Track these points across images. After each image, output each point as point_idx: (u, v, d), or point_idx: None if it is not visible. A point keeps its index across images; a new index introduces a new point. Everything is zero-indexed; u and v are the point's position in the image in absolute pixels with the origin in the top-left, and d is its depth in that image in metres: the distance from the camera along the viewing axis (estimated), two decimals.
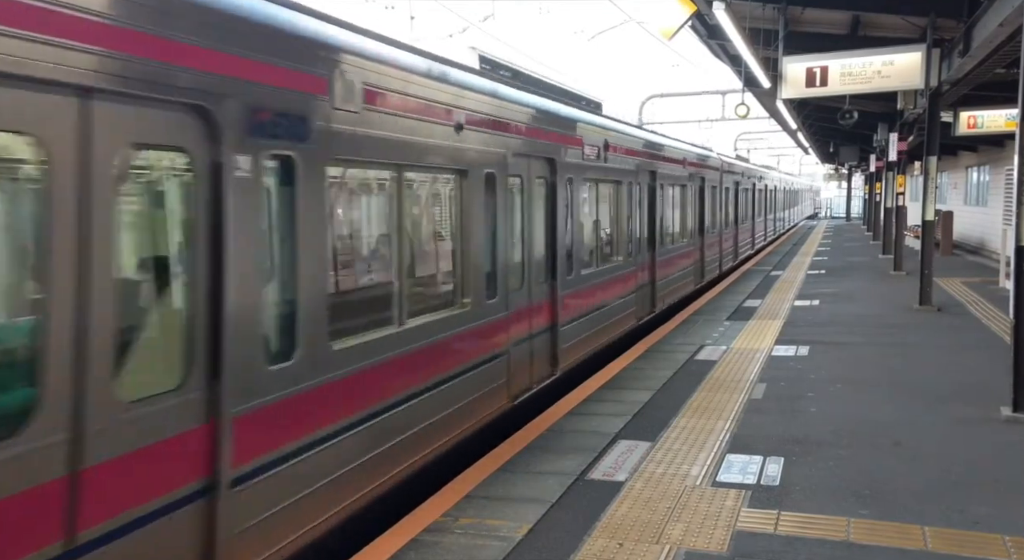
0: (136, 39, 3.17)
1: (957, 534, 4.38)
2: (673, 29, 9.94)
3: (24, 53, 2.74)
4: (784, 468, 5.47)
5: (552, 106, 8.11)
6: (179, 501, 3.44)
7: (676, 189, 13.91)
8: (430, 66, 5.62)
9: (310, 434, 4.25)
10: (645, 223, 11.73)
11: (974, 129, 16.75)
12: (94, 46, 3.00)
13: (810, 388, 7.71)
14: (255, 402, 3.82)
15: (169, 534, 3.38)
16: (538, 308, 7.60)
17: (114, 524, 3.13)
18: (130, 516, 3.19)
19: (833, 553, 4.18)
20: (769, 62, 12.94)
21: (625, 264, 10.67)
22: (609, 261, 10.13)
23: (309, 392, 4.22)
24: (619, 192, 10.49)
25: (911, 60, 11.16)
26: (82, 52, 2.95)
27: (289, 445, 4.09)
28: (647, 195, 11.86)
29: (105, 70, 3.04)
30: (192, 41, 3.45)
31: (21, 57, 2.74)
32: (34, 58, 2.78)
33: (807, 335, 10.53)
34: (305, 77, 4.16)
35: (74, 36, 2.92)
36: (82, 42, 2.95)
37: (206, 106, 3.49)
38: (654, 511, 4.77)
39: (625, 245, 10.72)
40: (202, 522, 3.55)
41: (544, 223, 7.83)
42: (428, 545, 4.38)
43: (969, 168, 25.22)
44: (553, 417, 6.87)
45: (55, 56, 2.85)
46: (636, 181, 11.15)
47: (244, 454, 3.76)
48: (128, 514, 3.18)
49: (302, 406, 4.19)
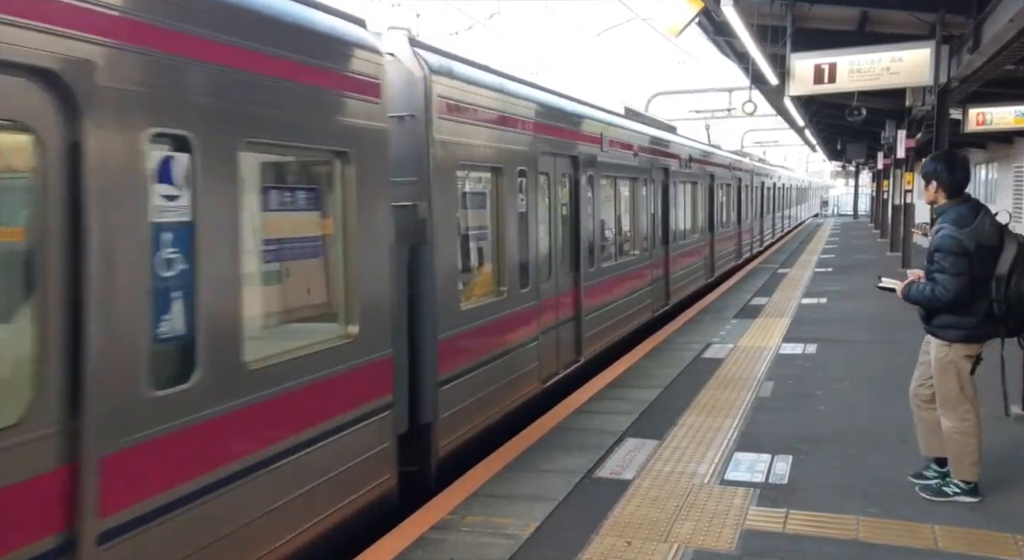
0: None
1: (968, 533, 4.34)
2: (680, 26, 9.92)
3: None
4: (792, 466, 5.45)
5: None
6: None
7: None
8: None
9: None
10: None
11: (983, 126, 16.64)
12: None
13: (818, 386, 7.68)
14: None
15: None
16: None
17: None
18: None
19: (842, 552, 4.16)
20: (777, 59, 12.89)
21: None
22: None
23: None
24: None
25: (920, 56, 11.10)
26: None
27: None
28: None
29: None
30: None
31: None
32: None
33: (815, 333, 10.49)
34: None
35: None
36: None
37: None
38: (662, 509, 4.75)
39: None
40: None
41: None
42: (434, 543, 4.37)
43: (978, 165, 25.09)
44: (559, 415, 6.85)
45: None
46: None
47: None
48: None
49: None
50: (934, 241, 4.63)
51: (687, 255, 14.07)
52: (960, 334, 4.62)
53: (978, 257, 4.49)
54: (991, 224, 4.58)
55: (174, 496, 3.24)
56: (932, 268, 4.62)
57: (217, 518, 3.47)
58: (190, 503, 3.31)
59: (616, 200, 10.24)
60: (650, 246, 11.50)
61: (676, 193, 13.16)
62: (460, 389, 5.76)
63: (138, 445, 3.07)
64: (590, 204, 8.76)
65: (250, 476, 3.65)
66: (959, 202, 4.69)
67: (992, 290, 4.50)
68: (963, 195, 4.73)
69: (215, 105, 3.51)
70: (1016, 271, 4.47)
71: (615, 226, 10.26)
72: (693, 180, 14.63)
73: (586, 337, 8.50)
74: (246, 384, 3.65)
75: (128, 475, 3.04)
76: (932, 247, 4.64)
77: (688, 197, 14.38)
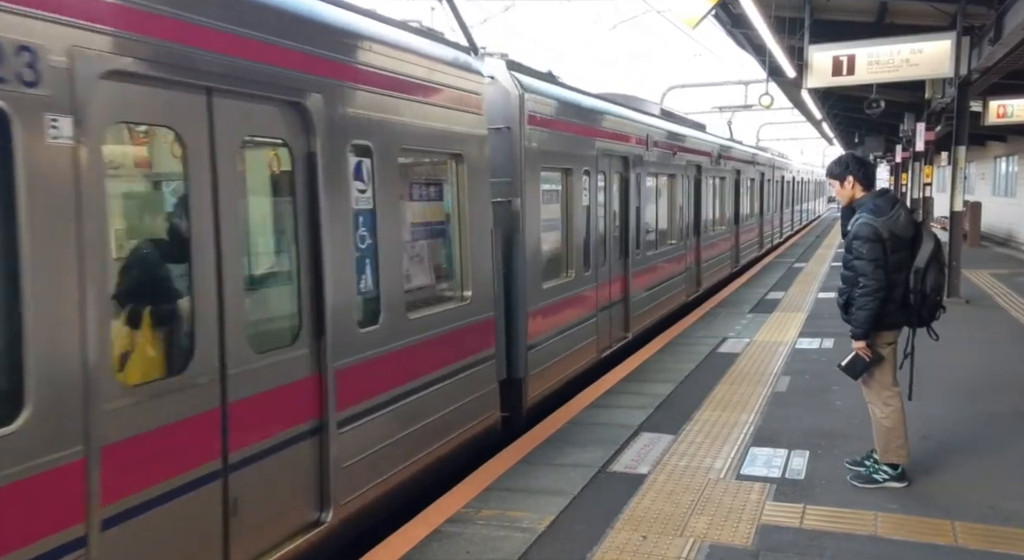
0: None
1: (988, 529, 4.30)
2: (697, 18, 9.83)
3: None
4: (809, 461, 5.41)
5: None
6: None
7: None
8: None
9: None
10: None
11: (1003, 118, 16.43)
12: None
13: (835, 381, 7.59)
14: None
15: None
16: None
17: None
18: (261, 446, 3.80)
19: (861, 548, 4.13)
20: (794, 51, 12.77)
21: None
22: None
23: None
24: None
25: (940, 48, 10.93)
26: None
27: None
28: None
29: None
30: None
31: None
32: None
33: (831, 328, 10.38)
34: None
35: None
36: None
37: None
38: (677, 504, 4.73)
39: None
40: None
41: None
42: (450, 536, 4.37)
43: (997, 158, 24.79)
44: (574, 409, 6.84)
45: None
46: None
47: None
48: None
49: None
50: (852, 229, 4.87)
51: (715, 245, 15.14)
52: (878, 323, 4.83)
53: (891, 245, 4.74)
54: (905, 216, 4.85)
55: (373, 402, 4.58)
56: (851, 257, 4.85)
57: (402, 417, 4.86)
58: (385, 408, 4.68)
59: (657, 195, 11.28)
60: (684, 237, 12.57)
61: (706, 188, 14.20)
62: (542, 352, 7.05)
63: (351, 365, 4.38)
64: (638, 198, 9.88)
65: (413, 396, 4.98)
66: (877, 194, 4.97)
67: (910, 281, 4.78)
68: (880, 189, 5.06)
69: (385, 121, 4.70)
70: (932, 265, 4.76)
71: (656, 218, 11.19)
72: (721, 176, 15.61)
73: (633, 316, 9.69)
74: (407, 329, 4.93)
75: (349, 384, 4.34)
76: (851, 236, 4.88)
77: (717, 191, 15.40)
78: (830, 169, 5.16)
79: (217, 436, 3.54)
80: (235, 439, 3.62)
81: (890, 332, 4.92)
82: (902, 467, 4.96)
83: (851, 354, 4.93)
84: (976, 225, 23.10)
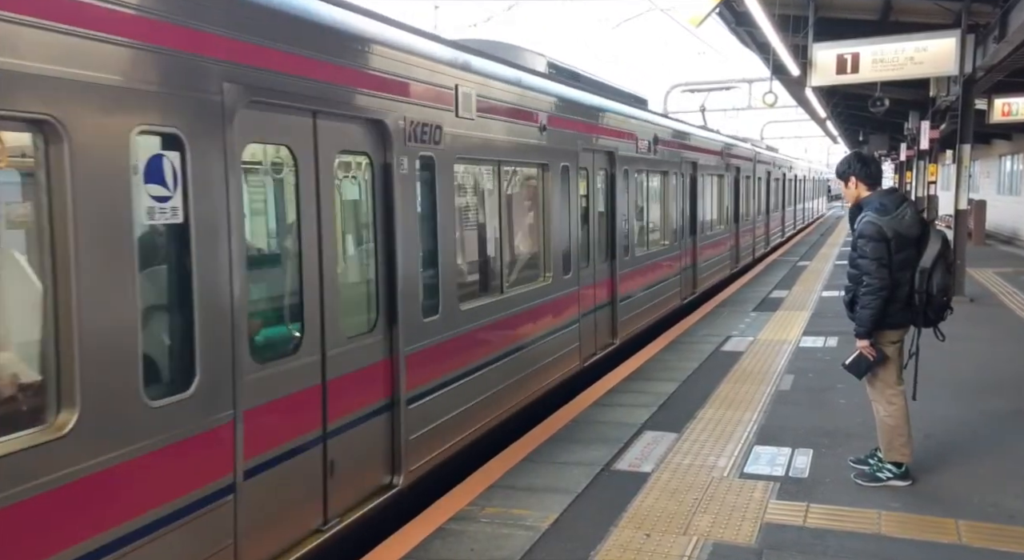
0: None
1: (991, 528, 4.30)
2: (701, 16, 9.84)
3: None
4: (813, 460, 5.41)
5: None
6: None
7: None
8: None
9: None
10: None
11: (1008, 117, 16.40)
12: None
13: (839, 379, 7.58)
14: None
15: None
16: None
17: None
18: (350, 418, 4.41)
19: (864, 546, 4.13)
20: (798, 49, 12.75)
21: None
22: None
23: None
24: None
25: (945, 46, 10.90)
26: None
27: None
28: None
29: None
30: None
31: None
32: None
33: (835, 326, 10.36)
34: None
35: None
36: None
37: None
38: (681, 502, 4.74)
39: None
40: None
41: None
42: (454, 534, 4.38)
43: (1002, 157, 24.75)
44: (578, 408, 6.85)
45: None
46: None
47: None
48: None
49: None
50: (857, 228, 4.87)
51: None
52: (882, 322, 4.82)
53: (896, 244, 4.72)
54: (912, 215, 4.83)
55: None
56: (855, 254, 4.86)
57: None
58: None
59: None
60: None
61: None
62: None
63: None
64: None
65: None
66: (885, 193, 4.97)
67: (916, 281, 4.75)
68: (888, 187, 5.10)
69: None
70: (938, 265, 4.73)
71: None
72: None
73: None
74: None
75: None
76: (856, 234, 4.87)
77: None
78: (836, 168, 5.18)
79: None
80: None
81: (894, 331, 4.91)
82: (906, 465, 4.95)
83: (855, 353, 4.93)
84: (981, 223, 23.04)
